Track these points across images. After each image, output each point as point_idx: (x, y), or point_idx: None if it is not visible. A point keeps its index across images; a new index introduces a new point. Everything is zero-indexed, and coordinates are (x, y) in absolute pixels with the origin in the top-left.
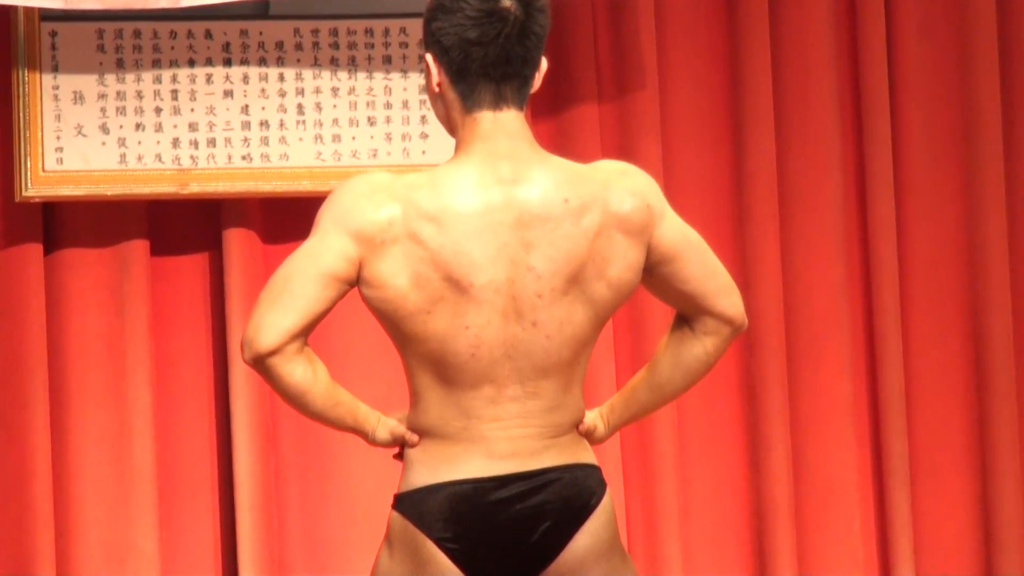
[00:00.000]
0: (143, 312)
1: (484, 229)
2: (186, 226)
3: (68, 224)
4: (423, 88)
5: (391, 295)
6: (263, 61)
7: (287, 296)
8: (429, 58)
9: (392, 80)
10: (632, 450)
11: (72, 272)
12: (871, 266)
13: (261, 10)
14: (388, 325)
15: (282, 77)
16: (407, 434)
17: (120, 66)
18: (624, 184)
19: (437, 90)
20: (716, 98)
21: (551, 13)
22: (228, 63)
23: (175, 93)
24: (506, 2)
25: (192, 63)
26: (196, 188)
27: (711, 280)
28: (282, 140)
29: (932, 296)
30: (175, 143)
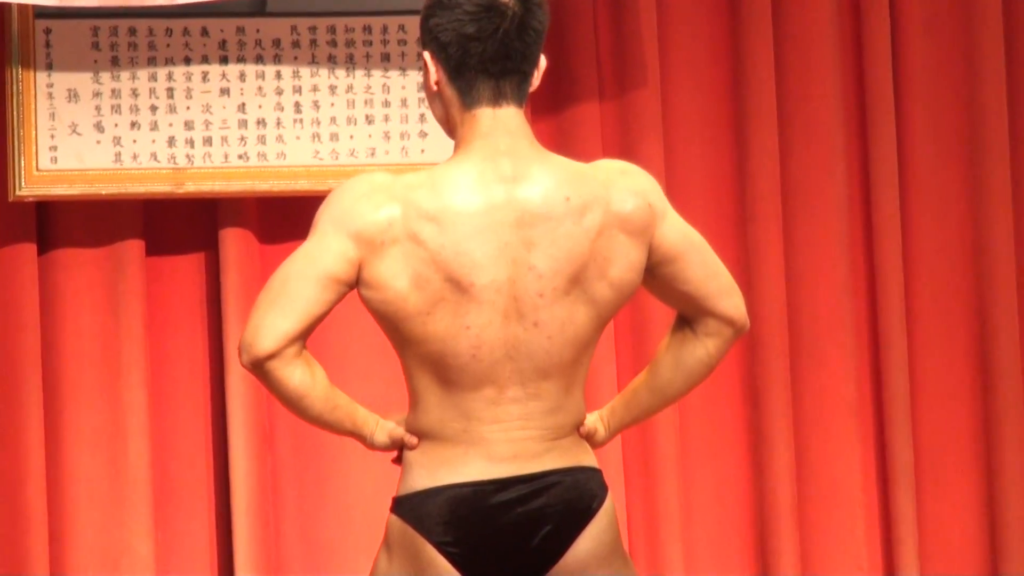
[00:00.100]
0: (138, 313)
1: (485, 228)
2: (182, 226)
3: (62, 224)
4: (422, 86)
5: (391, 296)
6: (260, 59)
7: (285, 299)
8: (427, 56)
9: (390, 78)
10: (634, 452)
11: (66, 272)
12: (875, 266)
13: (258, 7)
14: (387, 327)
15: (279, 75)
16: (406, 436)
17: (115, 64)
18: (626, 184)
19: (435, 88)
20: (718, 96)
21: (551, 9)
22: (224, 61)
23: (171, 91)
24: None
25: (188, 61)
26: (192, 187)
27: (713, 281)
28: (279, 139)
29: (937, 297)
30: (171, 142)
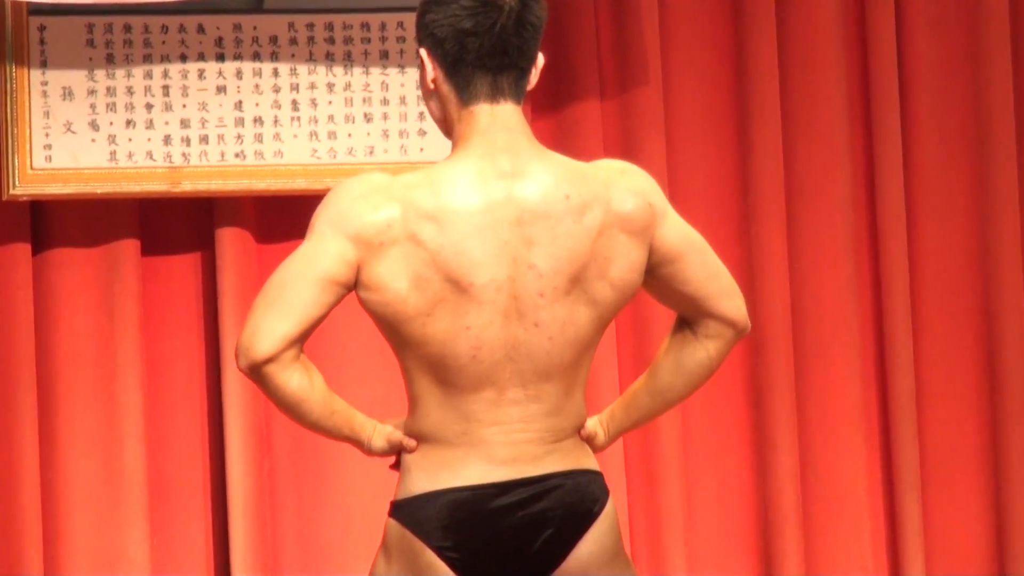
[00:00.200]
0: (134, 313)
1: (484, 227)
2: (178, 225)
3: (57, 223)
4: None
5: (391, 298)
6: (257, 56)
7: (283, 302)
8: (423, 53)
9: (389, 76)
10: (636, 454)
11: (61, 272)
12: (881, 266)
13: (255, 4)
14: (386, 328)
15: (276, 72)
16: (404, 440)
17: (110, 61)
18: (626, 183)
19: (432, 86)
20: (721, 94)
21: (551, 6)
22: (221, 58)
23: (166, 89)
24: None
25: (184, 58)
26: (188, 186)
27: (714, 282)
28: (276, 137)
29: (943, 297)
30: (166, 140)
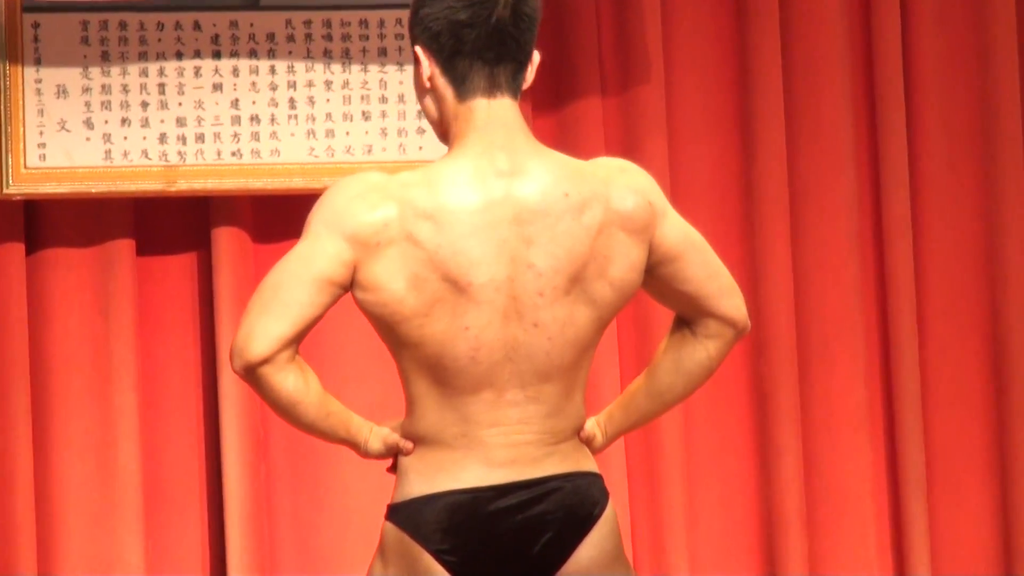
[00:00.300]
0: (129, 314)
1: (483, 226)
2: (173, 225)
3: (51, 223)
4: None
5: (387, 298)
6: (254, 53)
7: (278, 302)
8: (418, 50)
9: (387, 73)
10: (638, 456)
11: (55, 272)
12: (886, 267)
13: (251, 1)
14: (383, 329)
15: (273, 70)
16: (401, 442)
17: (105, 59)
18: (625, 181)
19: (428, 85)
20: (724, 92)
21: (552, 2)
22: (217, 56)
23: (162, 87)
24: None
25: (180, 56)
26: (184, 185)
27: (713, 281)
28: (273, 135)
29: (949, 298)
30: (162, 138)
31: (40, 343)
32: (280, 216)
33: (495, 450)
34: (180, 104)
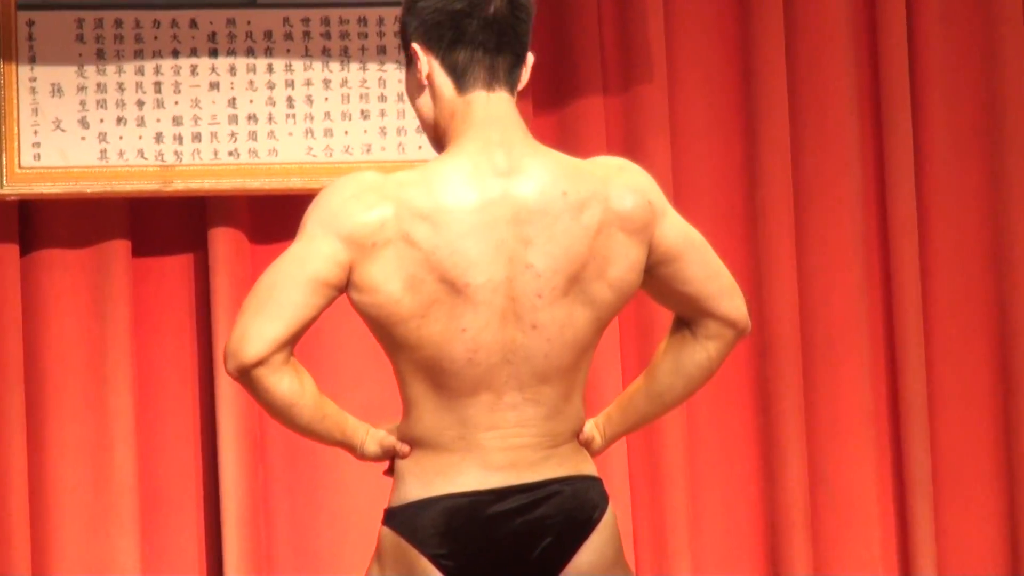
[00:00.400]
0: (124, 316)
1: (480, 226)
2: (170, 225)
3: (46, 223)
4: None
5: (383, 300)
6: (251, 52)
7: (273, 304)
8: (415, 48)
9: (387, 71)
10: (640, 459)
11: (50, 274)
12: (891, 267)
13: None
14: (379, 331)
15: (271, 68)
16: (397, 445)
17: (101, 57)
18: (624, 180)
19: (425, 83)
20: (727, 91)
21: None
22: (214, 54)
23: (158, 85)
24: None
25: (176, 54)
26: (180, 185)
27: (714, 281)
28: (271, 135)
29: (956, 298)
30: (158, 138)
31: (35, 345)
32: (278, 217)
33: (493, 453)
34: (177, 103)
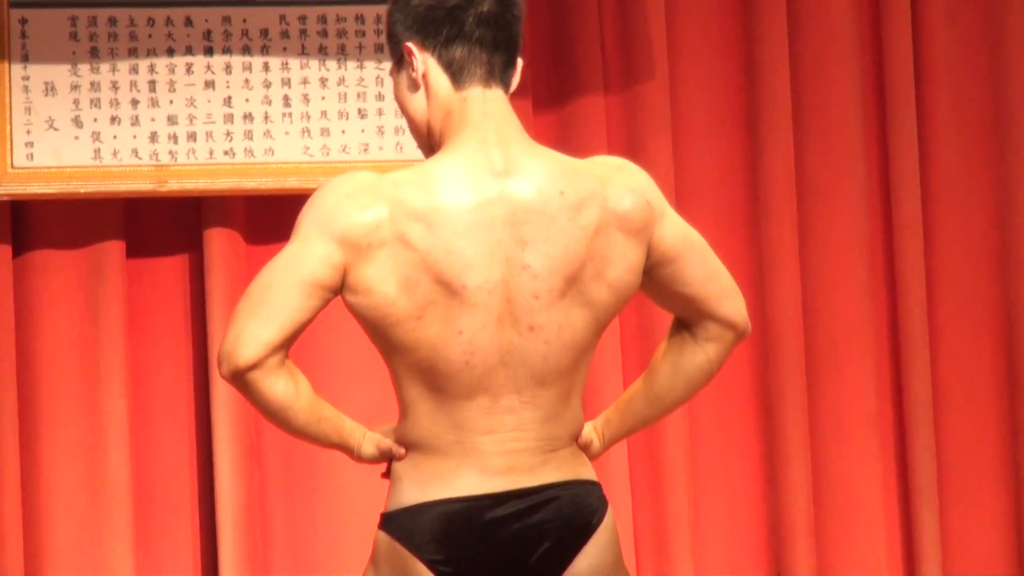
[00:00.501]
0: (119, 317)
1: (476, 226)
2: (165, 226)
3: (39, 224)
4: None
5: (379, 301)
6: (247, 50)
7: (267, 306)
8: (411, 47)
9: (384, 70)
10: (641, 463)
11: (43, 275)
12: (896, 268)
13: None
14: (375, 333)
15: (267, 67)
16: (394, 447)
17: (94, 55)
18: (623, 180)
19: (419, 82)
20: (730, 89)
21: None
22: (210, 52)
23: (153, 84)
24: None
25: (171, 52)
26: (175, 185)
27: (713, 282)
28: (267, 134)
29: (961, 300)
30: (153, 137)
31: (28, 347)
32: (274, 217)
33: (491, 458)
34: (171, 102)
